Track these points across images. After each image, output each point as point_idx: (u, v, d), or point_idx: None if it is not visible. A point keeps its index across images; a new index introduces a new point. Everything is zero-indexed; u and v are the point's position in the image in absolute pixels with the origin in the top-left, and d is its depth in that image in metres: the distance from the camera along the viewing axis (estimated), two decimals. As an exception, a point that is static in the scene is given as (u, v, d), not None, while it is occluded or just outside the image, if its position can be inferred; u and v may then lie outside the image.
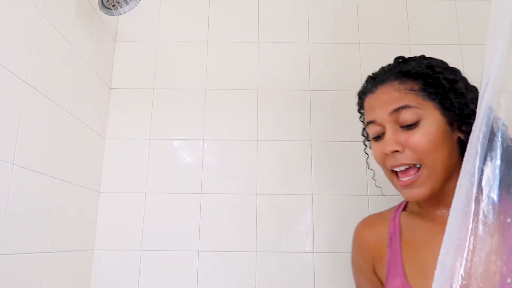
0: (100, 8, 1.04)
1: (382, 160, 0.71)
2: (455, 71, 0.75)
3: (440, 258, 0.37)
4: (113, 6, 1.04)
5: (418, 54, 1.24)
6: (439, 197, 0.70)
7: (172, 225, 1.13)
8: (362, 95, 0.79)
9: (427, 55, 0.84)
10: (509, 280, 0.36)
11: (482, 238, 0.36)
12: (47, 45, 0.86)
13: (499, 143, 0.37)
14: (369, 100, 0.75)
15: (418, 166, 0.67)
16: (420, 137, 0.66)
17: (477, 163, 0.38)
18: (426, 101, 0.68)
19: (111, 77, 1.23)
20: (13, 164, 0.74)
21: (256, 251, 1.11)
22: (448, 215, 0.69)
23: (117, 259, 1.11)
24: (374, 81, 0.75)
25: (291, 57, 1.25)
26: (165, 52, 1.26)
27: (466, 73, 1.23)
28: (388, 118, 0.69)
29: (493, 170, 0.37)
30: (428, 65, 0.73)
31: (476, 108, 0.68)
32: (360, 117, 0.83)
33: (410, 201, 0.72)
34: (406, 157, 0.67)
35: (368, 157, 0.87)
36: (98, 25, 1.12)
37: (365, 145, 0.85)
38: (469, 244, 0.35)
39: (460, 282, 0.35)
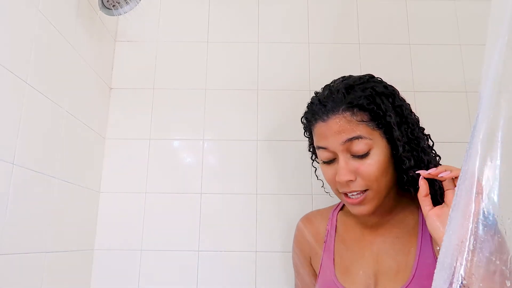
0: (100, 8, 1.04)
1: (334, 183, 0.77)
2: (392, 93, 0.78)
3: (440, 258, 0.37)
4: (113, 6, 1.04)
5: (418, 55, 1.25)
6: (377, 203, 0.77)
7: (172, 225, 1.13)
8: (312, 119, 0.81)
9: (428, 56, 0.87)
10: (509, 284, 0.36)
11: (482, 238, 0.36)
12: (47, 45, 0.86)
13: (499, 143, 0.37)
14: (320, 128, 0.77)
15: (365, 191, 0.74)
16: (371, 167, 0.72)
17: (477, 163, 0.37)
18: (374, 130, 0.73)
19: (111, 77, 1.23)
20: (13, 164, 0.74)
21: (256, 251, 1.11)
22: (379, 221, 0.80)
23: (117, 259, 1.11)
24: (325, 109, 0.77)
25: (291, 57, 1.25)
26: (165, 52, 1.26)
27: (466, 73, 1.24)
28: (341, 147, 0.73)
29: (493, 170, 0.37)
30: (371, 94, 0.75)
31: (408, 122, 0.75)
32: (306, 134, 0.88)
33: (358, 215, 0.78)
34: (357, 185, 0.73)
35: (315, 170, 0.95)
36: (98, 25, 1.12)
37: (312, 160, 0.92)
38: (469, 244, 0.35)
39: (460, 282, 0.35)
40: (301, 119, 0.88)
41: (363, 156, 0.72)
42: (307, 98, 1.21)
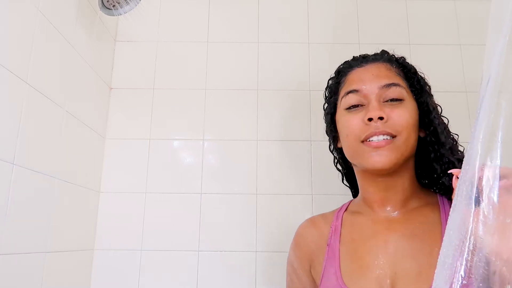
0: (100, 8, 1.04)
1: (359, 129, 0.71)
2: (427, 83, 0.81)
3: (440, 258, 0.37)
4: (113, 6, 1.04)
5: (418, 55, 1.25)
6: (388, 193, 0.73)
7: (172, 225, 1.13)
8: (347, 69, 0.80)
9: (428, 56, 0.88)
10: (509, 287, 0.36)
11: (482, 239, 0.36)
12: (47, 45, 0.86)
13: (499, 143, 0.37)
14: (356, 73, 0.77)
15: (392, 138, 0.69)
16: (403, 113, 0.70)
17: (477, 163, 0.38)
18: (408, 89, 0.74)
19: (111, 77, 1.23)
20: (13, 164, 0.74)
21: (256, 251, 1.11)
22: (393, 215, 0.72)
23: (117, 259, 1.11)
24: (364, 59, 0.79)
25: (291, 57, 1.25)
26: (165, 52, 1.26)
27: (466, 73, 1.24)
28: (377, 90, 0.72)
29: (493, 170, 0.37)
30: (410, 65, 0.80)
31: (435, 117, 0.74)
32: (330, 97, 0.82)
33: (375, 166, 0.69)
34: (388, 126, 0.69)
35: (336, 159, 0.89)
36: (98, 25, 1.12)
37: (331, 144, 0.86)
38: (469, 244, 0.35)
39: (460, 283, 0.35)
40: (331, 78, 0.86)
41: (397, 102, 0.71)
42: (307, 98, 1.22)
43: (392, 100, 0.71)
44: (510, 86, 0.39)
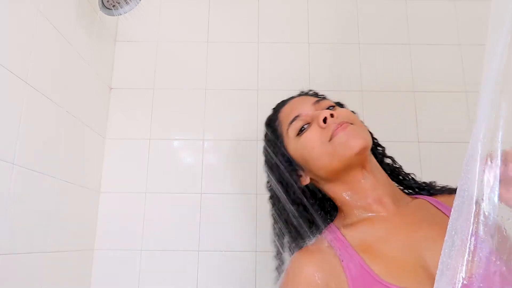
0: (100, 8, 1.04)
1: (320, 135, 0.71)
2: None
3: (442, 258, 0.37)
4: (113, 6, 1.04)
5: (418, 55, 1.25)
6: (378, 191, 0.72)
7: (172, 225, 1.13)
8: (276, 114, 0.83)
9: (428, 56, 0.90)
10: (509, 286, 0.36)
11: (483, 239, 0.36)
12: (47, 45, 0.86)
13: (499, 143, 0.37)
14: (286, 108, 0.80)
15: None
16: (345, 110, 0.76)
17: (477, 163, 0.38)
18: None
19: (111, 77, 1.23)
20: (13, 164, 0.74)
21: (256, 251, 1.11)
22: (395, 210, 0.70)
23: (117, 259, 1.11)
24: (285, 100, 0.84)
25: (291, 57, 1.25)
26: (165, 52, 1.26)
27: (466, 73, 1.24)
28: (313, 107, 0.76)
29: (493, 170, 0.37)
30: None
31: None
32: (276, 144, 0.79)
33: (355, 144, 0.68)
34: (342, 118, 0.71)
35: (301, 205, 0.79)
36: (98, 25, 1.12)
37: (272, 198, 0.84)
38: (469, 244, 0.35)
39: (461, 283, 0.35)
40: (265, 134, 0.85)
41: (333, 108, 0.76)
42: (307, 98, 1.22)
43: (328, 108, 0.75)
44: (510, 86, 0.39)
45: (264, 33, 1.27)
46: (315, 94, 0.85)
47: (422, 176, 1.24)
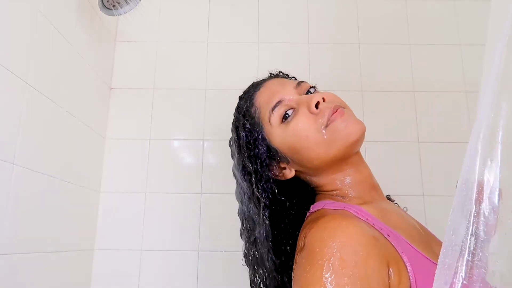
0: (100, 8, 1.04)
1: (314, 121, 0.63)
2: None
3: (440, 258, 0.37)
4: (113, 6, 1.04)
5: (418, 55, 1.25)
6: (372, 179, 0.68)
7: (172, 225, 1.13)
8: (250, 99, 0.73)
9: (428, 56, 0.85)
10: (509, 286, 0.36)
11: (482, 239, 0.36)
12: (47, 45, 0.86)
13: (499, 144, 0.37)
14: (262, 94, 0.71)
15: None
16: (332, 93, 0.67)
17: (477, 163, 0.38)
18: None
19: (111, 77, 1.23)
20: (13, 164, 0.74)
21: (256, 251, 1.11)
22: (381, 192, 0.67)
23: (117, 259, 1.11)
24: (256, 85, 0.75)
25: (291, 57, 1.25)
26: (165, 52, 1.26)
27: (466, 73, 1.24)
28: (295, 91, 0.67)
29: (493, 170, 0.37)
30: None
31: None
32: (252, 133, 0.70)
33: (353, 131, 0.62)
34: (334, 102, 0.64)
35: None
36: (98, 25, 1.12)
37: (260, 193, 0.70)
38: (469, 245, 0.35)
39: (460, 283, 0.35)
40: (237, 126, 0.76)
41: (314, 90, 0.69)
42: (307, 98, 1.22)
43: (308, 91, 0.68)
44: (510, 86, 0.39)
45: (264, 33, 1.27)
46: (288, 76, 0.78)
47: (422, 176, 1.24)
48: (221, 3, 1.30)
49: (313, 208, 0.66)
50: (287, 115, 0.65)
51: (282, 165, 0.69)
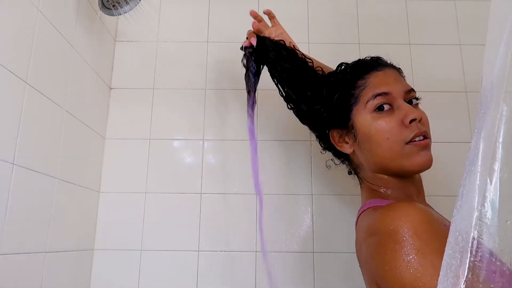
0: (100, 8, 1.04)
1: (400, 131, 0.68)
2: None
3: (445, 259, 0.37)
4: (113, 6, 1.04)
5: (418, 55, 1.25)
6: (421, 186, 0.75)
7: (172, 225, 1.13)
8: (365, 70, 0.76)
9: (428, 56, 0.87)
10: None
11: (485, 240, 0.36)
12: (47, 45, 0.86)
13: (499, 143, 0.37)
14: (377, 76, 0.74)
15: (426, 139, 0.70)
16: (426, 117, 0.72)
17: (479, 164, 0.38)
18: None
19: (111, 77, 1.23)
20: (13, 164, 0.74)
21: (256, 251, 1.11)
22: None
23: (117, 259, 1.11)
24: (378, 62, 0.78)
25: (291, 57, 1.25)
26: (165, 52, 1.26)
27: (466, 73, 1.24)
28: (404, 95, 0.71)
29: (493, 170, 0.37)
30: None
31: None
32: (345, 87, 0.76)
33: (422, 165, 0.68)
34: (424, 126, 0.69)
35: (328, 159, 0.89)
36: (98, 25, 1.12)
37: (322, 146, 0.86)
38: (471, 245, 0.35)
39: (463, 284, 0.35)
40: (344, 68, 0.82)
41: (416, 105, 0.73)
42: (307, 98, 1.22)
43: (411, 100, 0.72)
44: (510, 86, 0.39)
45: (264, 33, 1.27)
46: (400, 71, 0.80)
47: (422, 176, 1.24)
48: (221, 3, 1.30)
49: (367, 205, 0.71)
50: (382, 107, 0.70)
51: (347, 139, 0.76)
